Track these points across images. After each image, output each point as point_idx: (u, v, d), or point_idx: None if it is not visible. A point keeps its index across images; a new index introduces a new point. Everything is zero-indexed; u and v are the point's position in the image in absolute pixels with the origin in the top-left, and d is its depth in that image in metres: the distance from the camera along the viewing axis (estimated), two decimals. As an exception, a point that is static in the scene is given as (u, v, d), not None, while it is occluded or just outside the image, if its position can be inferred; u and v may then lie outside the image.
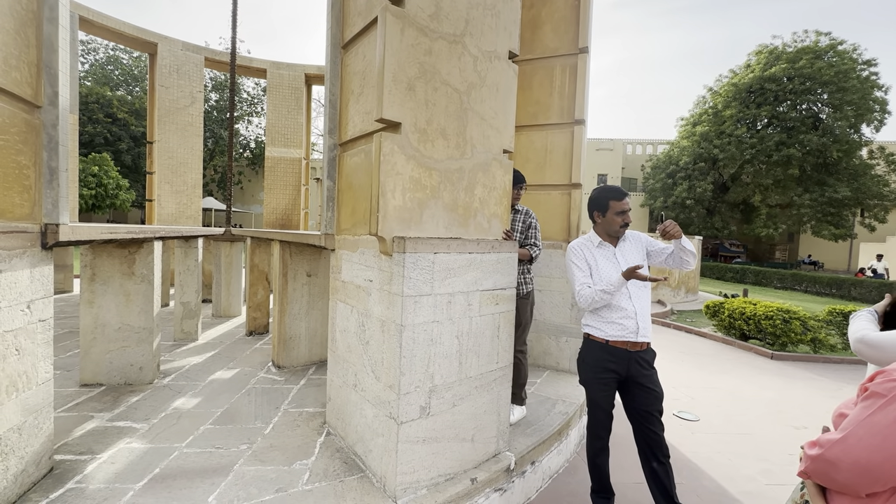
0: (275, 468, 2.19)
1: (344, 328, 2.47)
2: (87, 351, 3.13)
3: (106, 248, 3.08)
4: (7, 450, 1.78)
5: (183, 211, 7.70)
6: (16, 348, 1.81)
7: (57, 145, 1.98)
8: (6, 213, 1.75)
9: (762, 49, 25.04)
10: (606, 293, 2.12)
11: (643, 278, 2.06)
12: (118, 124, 23.91)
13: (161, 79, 7.44)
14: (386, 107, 1.92)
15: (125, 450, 2.31)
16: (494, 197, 2.42)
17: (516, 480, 2.43)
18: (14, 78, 1.76)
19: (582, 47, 3.82)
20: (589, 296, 2.16)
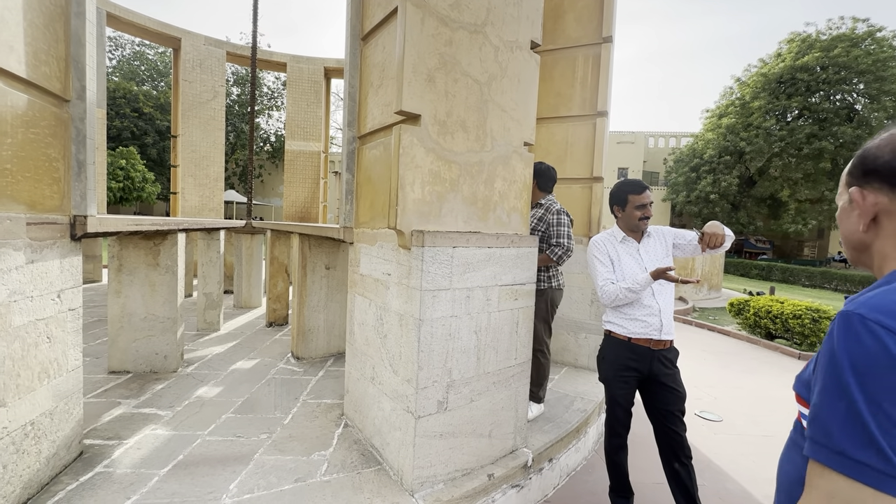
0: (294, 458, 2.22)
1: (362, 321, 2.48)
2: (114, 339, 3.22)
3: (132, 240, 3.16)
4: (40, 433, 1.84)
5: (206, 203, 7.86)
6: (47, 336, 1.87)
7: (85, 139, 2.03)
8: (37, 204, 1.80)
9: (794, 37, 24.01)
10: (632, 291, 2.06)
11: (674, 280, 2.00)
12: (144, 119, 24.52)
13: (185, 73, 7.58)
14: (405, 99, 1.89)
15: (151, 436, 2.37)
16: (514, 190, 2.38)
17: (534, 477, 2.40)
18: (43, 72, 1.79)
19: (606, 36, 3.72)
20: (613, 292, 2.11)
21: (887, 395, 0.54)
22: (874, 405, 0.54)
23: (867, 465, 0.54)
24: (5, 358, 1.64)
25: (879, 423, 0.54)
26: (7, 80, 1.62)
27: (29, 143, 1.74)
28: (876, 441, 0.54)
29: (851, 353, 0.58)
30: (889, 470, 0.53)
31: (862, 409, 0.55)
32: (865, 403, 0.55)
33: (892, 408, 0.53)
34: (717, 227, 2.07)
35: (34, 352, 1.79)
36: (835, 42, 22.18)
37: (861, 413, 0.55)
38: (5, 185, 1.63)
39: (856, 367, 0.57)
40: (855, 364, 0.57)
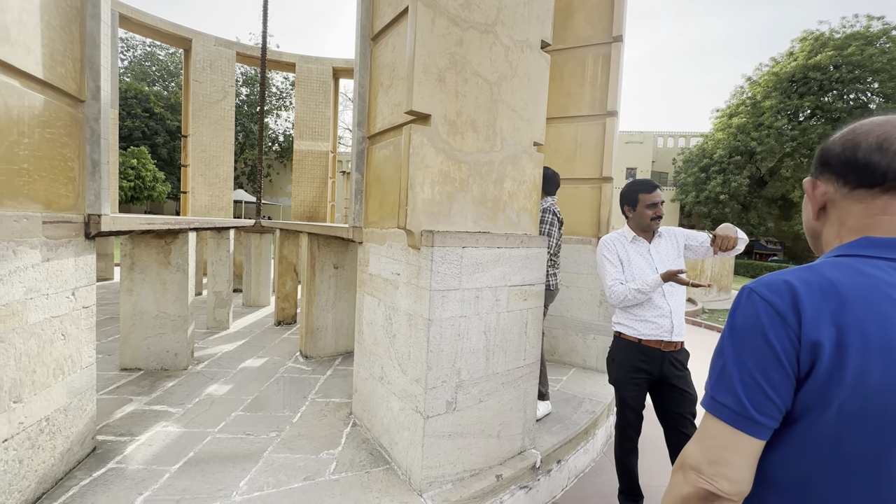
0: (303, 456, 2.23)
1: (371, 321, 2.48)
2: (126, 337, 3.26)
3: (144, 239, 3.19)
4: (55, 429, 1.87)
5: (215, 203, 7.93)
6: (62, 333, 1.90)
7: (99, 138, 2.05)
8: (53, 203, 1.83)
9: (807, 35, 23.65)
10: (641, 293, 2.04)
11: (684, 283, 1.97)
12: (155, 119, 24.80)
13: (195, 74, 7.65)
14: (416, 98, 1.89)
15: (162, 433, 2.40)
16: (524, 190, 2.37)
17: (542, 479, 2.39)
18: (59, 73, 1.82)
19: (616, 36, 3.69)
20: (621, 293, 2.09)
21: (750, 354, 0.66)
22: (739, 361, 0.67)
23: (727, 406, 0.67)
24: (21, 354, 1.66)
25: (741, 376, 0.66)
26: (24, 81, 1.64)
27: (45, 143, 1.76)
28: (735, 389, 0.66)
29: (733, 319, 0.70)
30: (741, 411, 0.65)
31: (730, 363, 0.68)
32: (733, 359, 0.67)
33: (753, 364, 0.65)
34: (730, 230, 2.05)
35: (49, 349, 1.82)
36: (849, 40, 21.83)
37: (728, 367, 0.68)
38: (22, 185, 1.65)
39: (733, 331, 0.69)
40: (733, 328, 0.69)
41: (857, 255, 0.67)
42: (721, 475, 0.65)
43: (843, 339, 0.60)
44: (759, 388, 0.64)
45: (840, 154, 0.71)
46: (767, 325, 0.65)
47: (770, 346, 0.64)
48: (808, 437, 0.64)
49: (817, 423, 0.63)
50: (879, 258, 0.65)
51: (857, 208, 0.70)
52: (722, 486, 0.65)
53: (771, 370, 0.64)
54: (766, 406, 0.64)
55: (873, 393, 0.59)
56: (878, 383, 0.58)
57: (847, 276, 0.64)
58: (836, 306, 0.62)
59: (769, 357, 0.64)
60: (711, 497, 0.66)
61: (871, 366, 0.59)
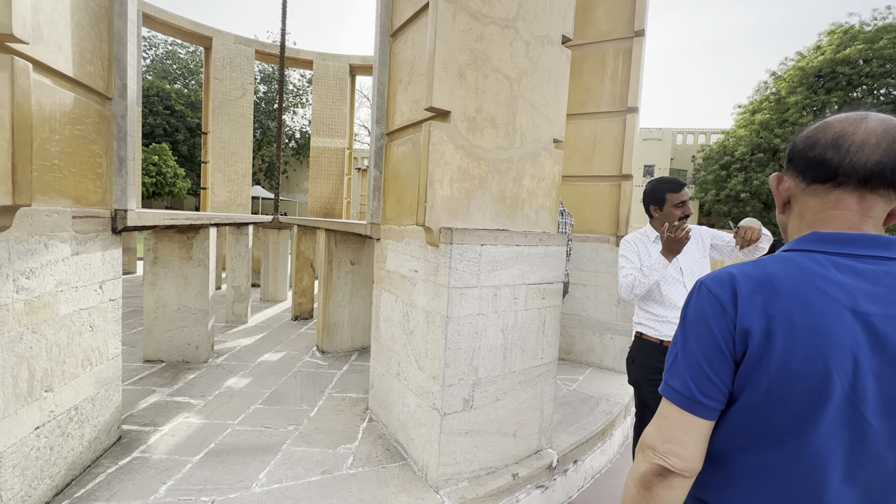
0: (320, 450, 2.26)
1: (388, 317, 2.49)
2: (149, 329, 3.34)
3: (167, 234, 3.26)
4: (83, 418, 1.93)
5: (234, 199, 8.05)
6: (90, 325, 1.95)
7: (126, 135, 2.10)
8: (81, 199, 1.87)
9: (836, 28, 22.85)
10: (645, 275, 2.01)
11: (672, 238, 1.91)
12: (176, 116, 25.31)
13: (215, 71, 7.76)
14: (436, 95, 1.89)
15: (184, 424, 2.45)
16: (543, 188, 2.35)
17: (558, 478, 2.38)
18: (89, 71, 1.86)
19: (638, 30, 3.62)
20: (629, 281, 2.05)
21: (697, 341, 0.72)
22: (687, 348, 0.73)
23: (676, 390, 0.73)
24: (52, 345, 1.71)
25: (688, 362, 0.72)
26: (56, 79, 1.69)
27: (75, 140, 1.81)
28: (683, 374, 0.72)
29: (685, 310, 0.76)
30: (688, 394, 0.71)
31: (680, 351, 0.74)
32: (682, 347, 0.74)
33: (698, 351, 0.71)
34: (753, 222, 2.00)
35: (78, 340, 1.87)
36: (880, 33, 21.02)
37: (679, 354, 0.74)
38: (53, 180, 1.70)
39: (684, 321, 0.75)
40: (685, 318, 0.75)
41: (802, 249, 0.73)
42: (672, 452, 0.71)
43: (771, 328, 0.66)
44: (703, 373, 0.70)
45: (801, 150, 0.75)
46: (710, 314, 0.71)
47: (712, 334, 0.70)
48: (742, 415, 0.70)
49: (749, 402, 0.69)
50: (820, 252, 0.70)
51: (814, 203, 0.75)
52: (673, 462, 0.71)
53: (713, 356, 0.70)
54: (709, 389, 0.70)
55: (796, 376, 0.64)
56: (800, 367, 0.64)
57: (784, 270, 0.69)
58: (768, 297, 0.67)
59: (711, 344, 0.70)
60: (665, 472, 0.71)
61: (795, 351, 0.64)
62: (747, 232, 1.98)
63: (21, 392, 1.56)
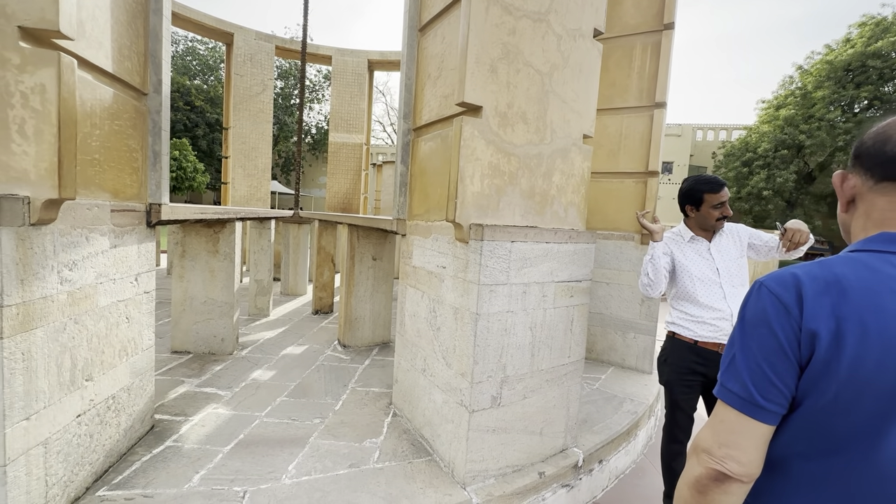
0: (346, 444, 2.28)
1: (413, 313, 2.49)
2: (177, 321, 3.41)
3: (194, 228, 3.32)
4: (119, 407, 1.98)
5: (254, 193, 8.16)
6: (126, 316, 1.99)
7: (160, 130, 2.13)
8: (119, 192, 1.91)
9: (867, 20, 22.00)
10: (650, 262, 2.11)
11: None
12: (195, 111, 25.73)
13: (236, 67, 7.85)
14: (468, 90, 1.87)
15: (213, 414, 2.50)
16: (572, 184, 2.31)
17: (583, 478, 2.36)
18: (126, 67, 1.89)
19: (667, 23, 3.53)
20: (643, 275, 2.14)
21: (757, 343, 0.69)
22: (747, 350, 0.70)
23: (735, 393, 0.71)
24: (92, 336, 1.76)
25: (748, 364, 0.70)
26: (96, 75, 1.72)
27: (113, 135, 1.84)
28: (742, 377, 0.70)
29: (744, 311, 0.74)
30: (748, 398, 0.69)
31: (738, 353, 0.72)
32: (741, 349, 0.71)
33: (759, 353, 0.69)
34: (801, 224, 1.94)
35: (115, 331, 1.92)
36: (915, 25, 20.21)
37: (737, 356, 0.72)
38: (94, 174, 1.73)
39: (743, 322, 0.73)
40: (743, 318, 0.73)
41: (870, 250, 0.70)
42: (730, 457, 0.69)
43: (841, 331, 0.63)
44: (765, 376, 0.68)
45: (870, 147, 0.73)
46: (773, 316, 0.68)
47: (775, 336, 0.68)
48: (806, 421, 0.68)
49: (815, 407, 0.66)
50: (891, 253, 0.68)
51: (882, 201, 0.72)
52: (731, 467, 0.69)
53: (775, 359, 0.68)
54: (772, 393, 0.68)
55: (868, 381, 0.62)
56: (873, 372, 0.61)
57: (853, 271, 0.66)
58: (837, 299, 0.64)
59: (774, 347, 0.68)
60: (722, 477, 0.70)
61: (868, 356, 0.61)
62: (795, 234, 1.91)
63: (64, 381, 1.61)
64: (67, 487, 1.65)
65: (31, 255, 1.42)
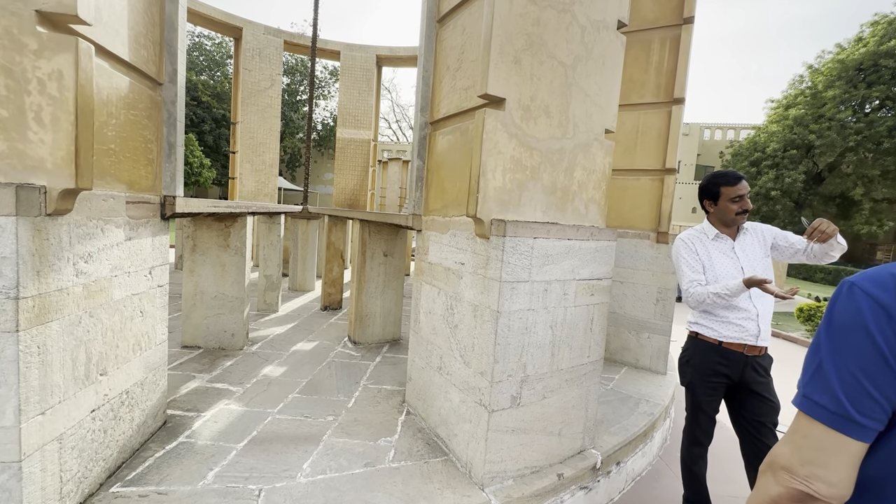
0: (361, 442, 2.24)
1: (429, 310, 2.45)
2: (187, 316, 3.39)
3: (205, 222, 3.28)
4: (133, 402, 1.95)
5: (261, 188, 8.13)
6: (140, 310, 1.96)
7: (175, 121, 2.09)
8: (134, 184, 1.87)
9: (880, 19, 21.69)
10: (721, 297, 1.89)
11: (771, 293, 1.78)
12: (202, 107, 25.76)
13: (245, 62, 7.82)
14: (491, 81, 1.82)
15: (225, 410, 2.47)
16: (593, 180, 2.26)
17: (601, 480, 2.31)
18: (142, 56, 1.85)
19: (687, 17, 3.46)
20: (699, 296, 1.95)
21: (851, 351, 0.62)
22: (838, 358, 0.63)
23: (823, 406, 0.64)
24: (107, 329, 1.72)
25: (840, 374, 0.62)
26: (112, 63, 1.68)
27: (129, 125, 1.80)
28: (832, 388, 0.63)
29: (831, 314, 0.66)
30: (840, 411, 0.62)
31: (827, 361, 0.64)
32: (830, 357, 0.64)
33: (854, 362, 0.61)
34: (828, 222, 1.87)
35: (130, 325, 1.88)
36: (929, 24, 19.91)
37: (825, 364, 0.64)
38: (109, 165, 1.70)
39: (830, 326, 0.65)
40: (830, 323, 0.65)
41: None
42: (816, 477, 0.63)
43: None
44: (861, 387, 0.61)
45: None
46: (871, 320, 0.61)
47: (874, 343, 0.60)
48: None
49: None
50: None
51: None
52: (818, 488, 0.63)
53: (875, 369, 0.60)
54: (869, 407, 0.61)
55: None
56: None
57: None
58: None
59: (873, 355, 0.60)
60: (806, 498, 0.64)
61: None
62: (822, 224, 1.84)
63: (79, 375, 1.57)
64: (81, 483, 1.62)
65: (46, 247, 1.39)
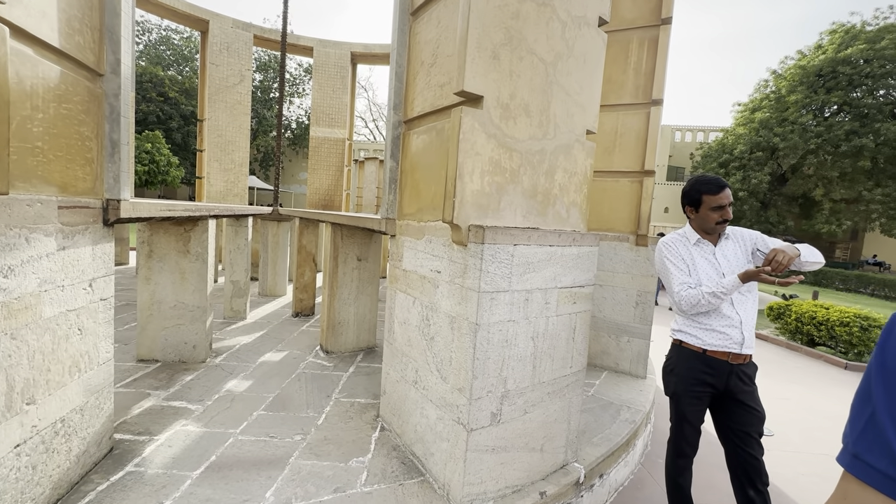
0: (331, 464, 2.08)
1: (404, 320, 2.31)
2: (143, 327, 3.14)
3: (163, 226, 3.05)
4: (70, 431, 1.73)
5: (230, 189, 7.80)
6: (78, 328, 1.75)
7: (119, 116, 1.88)
8: (69, 187, 1.67)
9: (837, 28, 22.74)
10: (716, 297, 1.82)
11: (770, 281, 1.73)
12: (169, 103, 24.79)
13: (212, 56, 7.47)
14: (468, 78, 1.69)
15: (181, 432, 2.26)
16: (575, 183, 2.17)
17: (585, 495, 2.22)
18: (77, 42, 1.65)
19: (665, 17, 3.43)
20: (693, 298, 1.87)
21: None
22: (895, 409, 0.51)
23: (879, 471, 0.51)
24: (35, 352, 1.52)
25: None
26: (39, 49, 1.47)
27: (61, 120, 1.60)
28: (891, 447, 0.50)
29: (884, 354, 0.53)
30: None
31: (882, 413, 0.52)
32: (887, 407, 0.52)
33: None
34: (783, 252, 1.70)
35: (65, 345, 1.67)
36: (882, 33, 20.94)
37: (880, 417, 0.52)
38: (35, 165, 1.49)
39: (883, 369, 0.53)
40: (884, 365, 0.53)
41: None
42: None
43: None
44: None
45: None
46: None
47: None
48: None
49: None
50: None
51: None
52: None
53: None
54: None
55: None
56: None
57: None
58: None
59: None
60: None
61: None
62: (777, 255, 1.69)
63: (-2, 407, 1.37)
64: (3, 530, 1.42)
65: (-49, 261, 1.18)
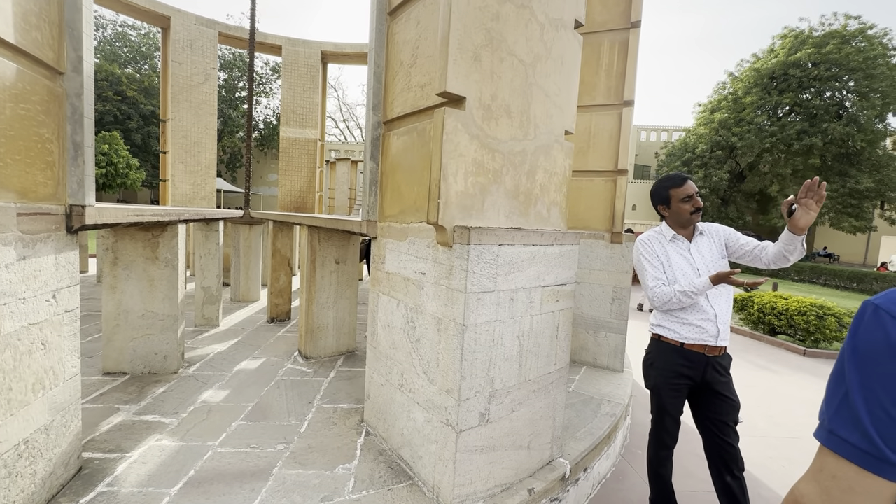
0: (317, 472, 2.04)
1: (387, 323, 2.28)
2: (109, 338, 2.98)
3: (129, 231, 2.90)
4: (34, 452, 1.63)
5: (197, 192, 7.52)
6: (42, 342, 1.64)
7: (82, 117, 1.78)
8: (29, 192, 1.56)
9: (788, 33, 24.07)
10: (688, 296, 1.89)
11: (738, 284, 1.81)
12: (128, 102, 23.66)
13: (174, 54, 7.19)
14: (451, 79, 1.69)
15: (156, 448, 2.16)
16: (555, 183, 2.20)
17: (571, 489, 2.26)
18: (34, 38, 1.55)
19: (634, 21, 3.53)
20: (665, 295, 1.95)
21: (881, 381, 0.56)
22: (866, 389, 0.57)
23: (851, 444, 0.58)
24: (-5, 370, 1.41)
25: (871, 408, 0.56)
26: (-8, 46, 1.37)
27: (18, 121, 1.49)
28: (862, 424, 0.57)
29: (855, 339, 0.60)
30: (872, 451, 0.56)
31: (854, 392, 0.58)
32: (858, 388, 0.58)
33: (884, 394, 0.55)
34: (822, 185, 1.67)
35: (27, 361, 1.57)
36: (827, 39, 22.30)
37: (853, 397, 0.58)
38: (-8, 170, 1.39)
39: (856, 353, 0.59)
40: (856, 350, 0.59)
41: None
42: None
43: None
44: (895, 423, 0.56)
45: None
46: None
47: None
48: None
49: None
50: None
51: None
52: None
53: None
54: None
55: None
56: None
57: None
58: None
59: None
60: None
61: None
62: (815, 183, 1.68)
63: (-45, 431, 1.27)
64: (-37, 564, 1.31)
65: None
